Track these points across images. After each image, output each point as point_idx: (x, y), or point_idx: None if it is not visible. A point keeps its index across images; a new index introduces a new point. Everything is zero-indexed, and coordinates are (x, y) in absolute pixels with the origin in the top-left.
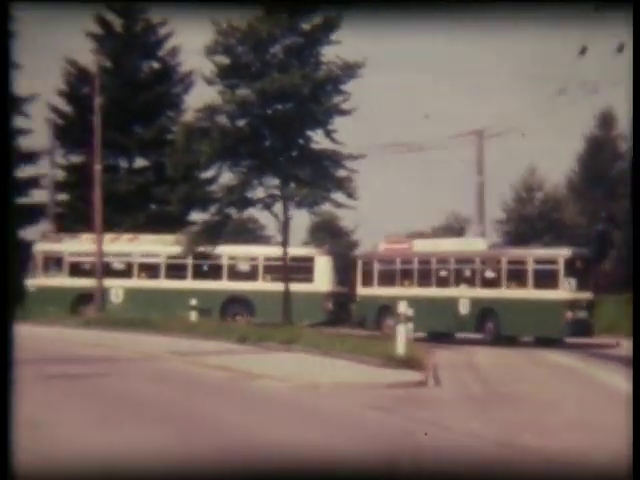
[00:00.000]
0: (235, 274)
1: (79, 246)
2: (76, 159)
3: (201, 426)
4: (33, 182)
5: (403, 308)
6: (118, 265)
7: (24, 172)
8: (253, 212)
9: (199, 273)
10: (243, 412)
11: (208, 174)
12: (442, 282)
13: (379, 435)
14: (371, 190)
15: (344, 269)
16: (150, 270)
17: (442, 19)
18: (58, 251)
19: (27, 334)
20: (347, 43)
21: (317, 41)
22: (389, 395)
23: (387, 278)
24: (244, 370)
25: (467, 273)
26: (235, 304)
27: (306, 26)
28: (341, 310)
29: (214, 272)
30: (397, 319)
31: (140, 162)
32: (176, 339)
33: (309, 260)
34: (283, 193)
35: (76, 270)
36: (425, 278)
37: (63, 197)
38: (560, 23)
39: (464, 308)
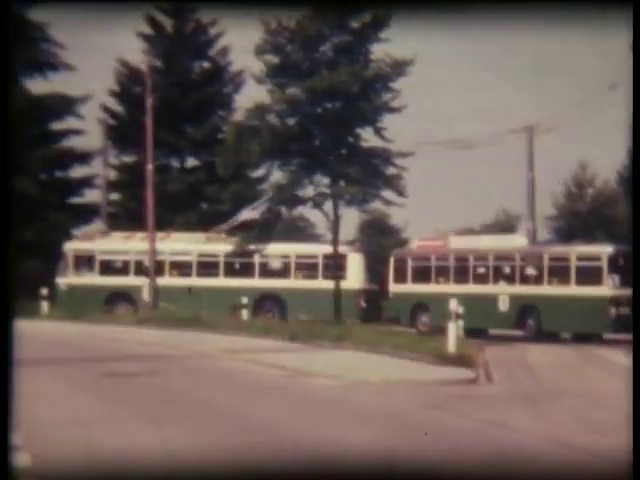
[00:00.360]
0: (267, 272)
1: (111, 245)
2: (128, 159)
3: (254, 424)
4: (86, 182)
5: (454, 305)
6: (150, 263)
7: (78, 172)
8: (303, 210)
9: (231, 271)
10: (296, 410)
11: (258, 173)
12: (480, 279)
13: (432, 433)
14: (421, 187)
15: (372, 267)
16: (182, 268)
17: (491, 16)
18: (89, 249)
19: (81, 332)
20: (396, 40)
21: (366, 39)
22: (441, 393)
23: (421, 275)
24: (296, 368)
25: (506, 270)
26: (267, 302)
27: (355, 24)
28: (372, 307)
29: (246, 270)
30: (431, 316)
31: (191, 161)
32: (228, 337)
33: (342, 258)
34: (333, 191)
35: (108, 268)
36: (461, 275)
37: (116, 197)
38: (609, 21)
39: (503, 305)
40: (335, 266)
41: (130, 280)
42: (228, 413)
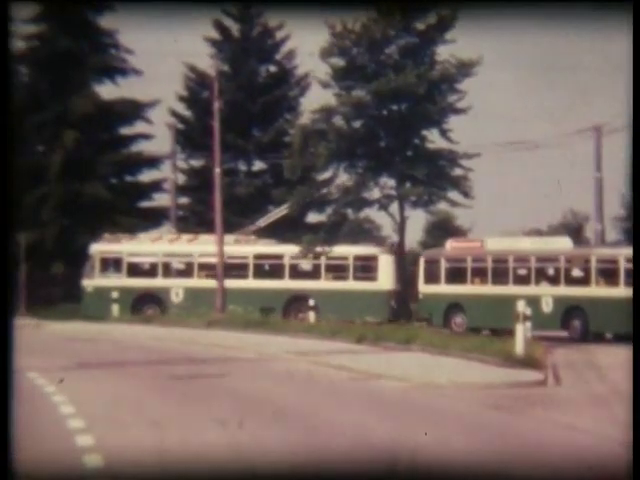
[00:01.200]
0: (298, 273)
1: (138, 246)
2: (196, 163)
3: (322, 426)
4: (156, 186)
5: (521, 307)
6: (178, 265)
7: (147, 176)
8: (369, 212)
9: (261, 272)
10: (364, 412)
11: (325, 175)
12: (520, 280)
13: (502, 435)
14: (487, 189)
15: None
16: (211, 270)
17: (554, 17)
18: (117, 251)
19: (151, 335)
20: (462, 41)
21: (432, 40)
22: (509, 395)
23: (455, 276)
24: (364, 370)
25: (550, 271)
26: (298, 303)
27: (420, 25)
28: (401, 307)
29: (276, 271)
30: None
31: (258, 165)
32: (295, 339)
33: (373, 259)
34: (399, 193)
35: (135, 270)
36: (500, 276)
37: (184, 200)
38: None
39: (547, 306)
40: (404, 268)
41: (158, 282)
42: (296, 414)
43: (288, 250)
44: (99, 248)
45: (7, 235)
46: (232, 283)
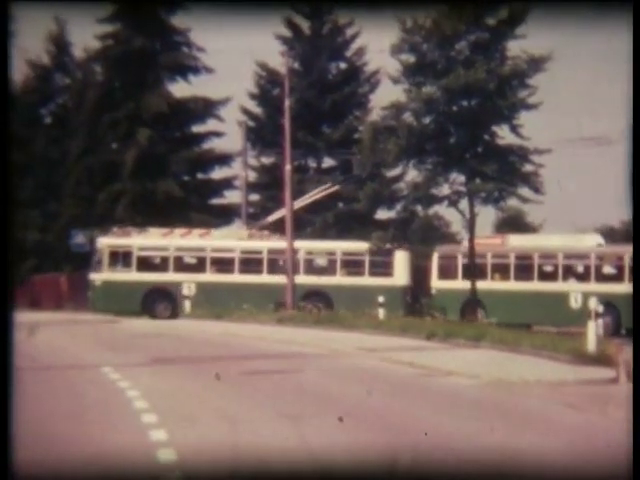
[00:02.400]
0: (313, 268)
1: (149, 240)
2: (267, 160)
3: (391, 423)
4: (227, 183)
5: (593, 304)
6: (190, 259)
7: (219, 174)
8: (438, 209)
9: (275, 267)
10: (433, 408)
11: (394, 172)
12: (546, 276)
13: (574, 434)
14: (558, 185)
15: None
16: (224, 265)
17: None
18: (127, 245)
19: (223, 330)
20: (533, 36)
21: (503, 35)
22: (581, 392)
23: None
24: (433, 367)
25: (579, 268)
26: (313, 298)
27: (491, 21)
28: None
29: (291, 266)
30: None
31: (328, 162)
32: (366, 335)
33: (389, 255)
34: (469, 189)
35: (145, 265)
36: (524, 272)
37: (255, 197)
38: None
39: (576, 302)
40: (473, 265)
41: (170, 276)
42: (367, 411)
43: (303, 245)
44: (107, 242)
45: (7, 235)
46: (246, 278)
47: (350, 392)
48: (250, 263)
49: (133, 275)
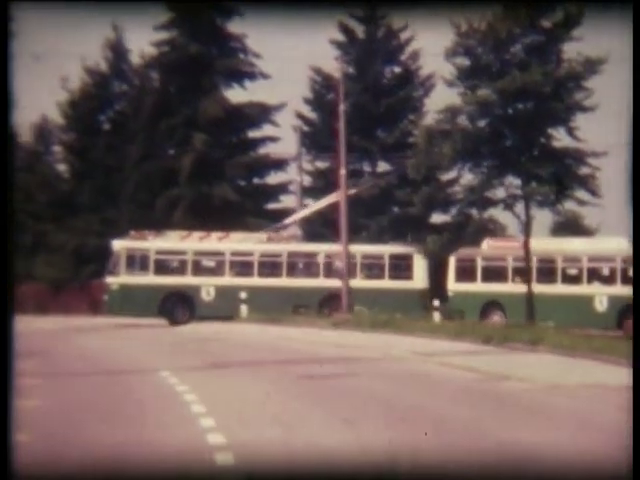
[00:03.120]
0: (332, 271)
1: (167, 244)
2: (322, 164)
3: (449, 427)
4: (282, 188)
5: None
6: (209, 263)
7: (274, 178)
8: (494, 212)
9: (294, 271)
10: (491, 414)
11: (449, 175)
12: (570, 279)
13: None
14: (615, 188)
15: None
16: (243, 268)
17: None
18: (144, 248)
19: (279, 334)
20: (587, 39)
21: (558, 38)
22: None
23: (493, 275)
24: (490, 371)
25: (605, 271)
26: (332, 301)
27: (546, 23)
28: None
29: (310, 269)
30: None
31: (383, 166)
32: (421, 339)
33: (408, 258)
34: (525, 192)
35: (163, 268)
36: (546, 275)
37: (310, 202)
38: None
39: (601, 305)
40: (529, 269)
41: (188, 280)
42: (424, 415)
43: (322, 248)
44: (124, 245)
45: (7, 234)
46: (265, 281)
47: (406, 397)
48: (269, 266)
49: (151, 279)
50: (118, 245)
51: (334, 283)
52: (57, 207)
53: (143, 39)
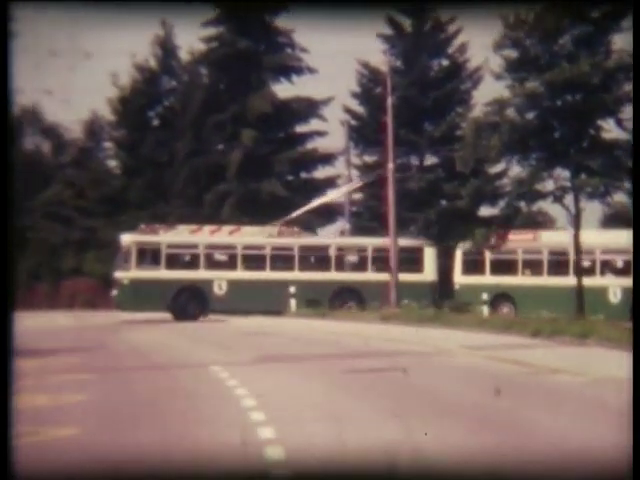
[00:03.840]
0: (343, 265)
1: (178, 237)
2: (369, 158)
3: (499, 421)
4: (330, 182)
5: None
6: (221, 257)
7: (322, 173)
8: (543, 205)
9: (306, 264)
10: (542, 408)
11: (497, 168)
12: (583, 271)
13: None
14: None
15: None
16: (254, 261)
17: None
18: (155, 242)
19: (328, 329)
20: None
21: (607, 29)
22: None
23: (502, 267)
24: (540, 364)
25: (619, 264)
26: (344, 294)
27: (595, 14)
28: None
29: (322, 263)
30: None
31: (430, 159)
32: (468, 333)
33: (418, 251)
34: (574, 184)
35: (175, 262)
36: (557, 267)
37: (358, 196)
38: None
39: (614, 296)
40: (578, 262)
41: (200, 274)
42: (475, 410)
43: (334, 241)
44: (135, 239)
45: (7, 234)
46: (277, 275)
47: (455, 390)
48: (281, 260)
49: (162, 273)
50: (128, 239)
51: (346, 277)
52: (107, 203)
53: (192, 35)
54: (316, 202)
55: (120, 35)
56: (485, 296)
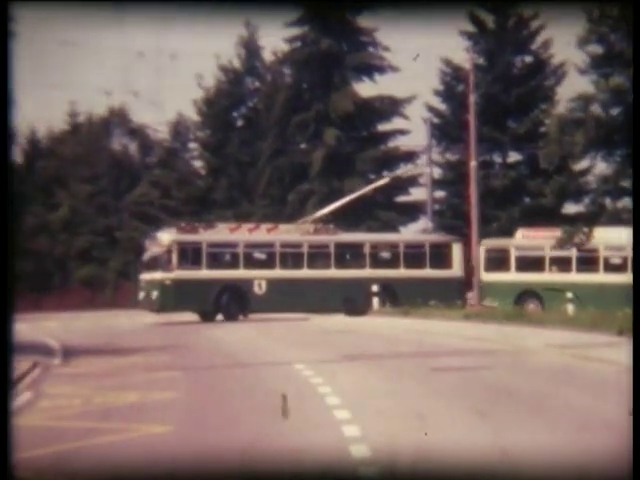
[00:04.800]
0: (377, 262)
1: (219, 236)
2: (452, 156)
3: (585, 421)
4: (412, 180)
5: None
6: (260, 255)
7: (404, 171)
8: (628, 202)
9: (342, 262)
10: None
11: (582, 165)
12: (612, 268)
13: None
14: None
15: None
16: (292, 259)
17: None
18: (196, 241)
19: (410, 327)
20: None
21: None
22: None
23: (529, 264)
24: (627, 363)
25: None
26: (380, 292)
27: None
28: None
29: (357, 260)
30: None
31: (514, 156)
32: (554, 332)
33: (447, 247)
34: None
35: (215, 262)
36: (586, 264)
37: (440, 194)
38: None
39: None
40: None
41: (241, 273)
42: (558, 409)
43: (368, 238)
44: (177, 238)
45: (7, 234)
46: (314, 273)
47: (542, 390)
48: (318, 258)
49: (204, 273)
50: (169, 238)
51: (379, 273)
52: (193, 203)
53: (275, 36)
54: (346, 199)
55: (205, 36)
56: (570, 294)
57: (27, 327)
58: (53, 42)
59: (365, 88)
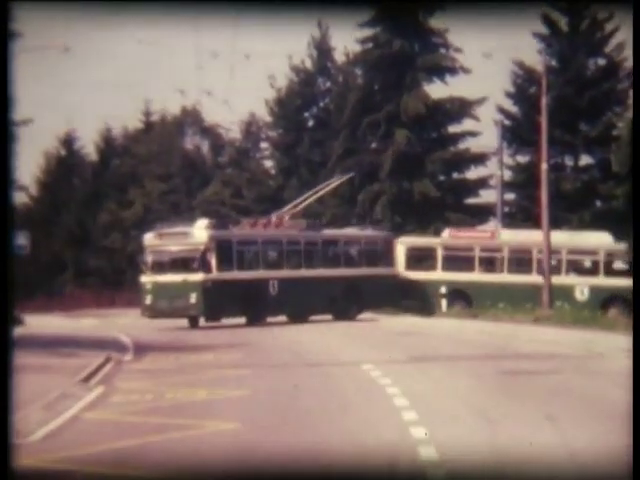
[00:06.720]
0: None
1: (245, 232)
2: (523, 159)
3: None
4: (482, 183)
5: None
6: (273, 254)
7: (474, 173)
8: None
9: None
10: None
11: None
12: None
13: None
14: None
15: None
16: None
17: None
18: (229, 239)
19: (479, 329)
20: None
21: None
22: None
23: (457, 264)
24: None
25: (587, 263)
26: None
27: None
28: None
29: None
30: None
31: (585, 159)
32: (625, 336)
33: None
34: None
35: (244, 261)
36: (518, 266)
37: (510, 196)
38: None
39: (581, 294)
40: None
41: (269, 274)
42: (615, 412)
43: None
44: (215, 235)
45: (7, 235)
46: (325, 272)
47: (612, 395)
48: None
49: (237, 274)
50: (204, 235)
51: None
52: (264, 202)
53: (347, 36)
54: (311, 193)
55: (277, 37)
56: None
57: (100, 323)
58: (131, 41)
59: (436, 89)
